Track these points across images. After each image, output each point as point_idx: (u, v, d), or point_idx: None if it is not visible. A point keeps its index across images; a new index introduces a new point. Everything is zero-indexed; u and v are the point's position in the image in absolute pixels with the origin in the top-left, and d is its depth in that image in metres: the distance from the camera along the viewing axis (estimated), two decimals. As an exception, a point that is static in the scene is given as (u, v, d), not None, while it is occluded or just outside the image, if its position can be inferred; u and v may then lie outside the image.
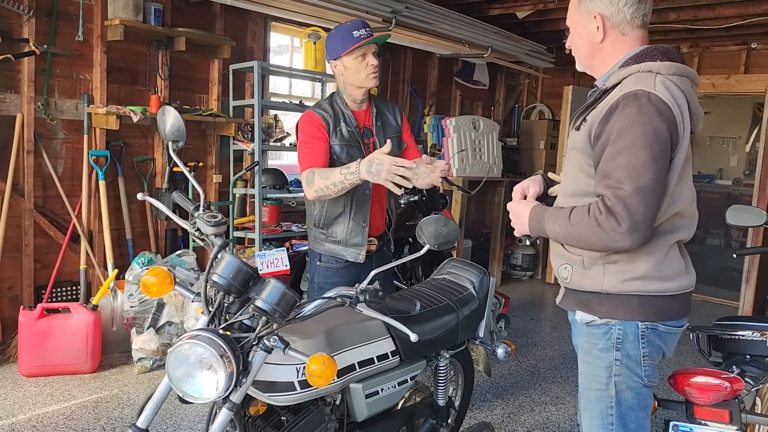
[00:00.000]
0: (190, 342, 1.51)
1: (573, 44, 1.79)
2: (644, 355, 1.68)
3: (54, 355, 3.58)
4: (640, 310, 1.65)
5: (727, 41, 6.25)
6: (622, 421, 1.73)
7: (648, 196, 1.51)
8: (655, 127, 1.51)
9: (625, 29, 1.67)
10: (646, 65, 1.60)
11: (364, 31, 2.46)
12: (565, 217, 1.62)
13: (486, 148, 6.30)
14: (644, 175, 1.50)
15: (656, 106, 1.51)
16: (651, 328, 1.67)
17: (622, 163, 1.52)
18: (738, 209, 2.92)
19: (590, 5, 1.67)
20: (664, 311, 1.66)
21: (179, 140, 1.85)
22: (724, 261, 8.17)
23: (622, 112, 1.54)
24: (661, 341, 1.69)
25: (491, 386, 3.86)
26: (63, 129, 3.95)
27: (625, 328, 1.67)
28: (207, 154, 4.67)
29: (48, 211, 3.96)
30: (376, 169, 2.21)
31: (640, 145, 1.50)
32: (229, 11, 4.57)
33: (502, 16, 5.83)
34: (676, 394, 1.78)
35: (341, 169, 2.34)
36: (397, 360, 2.10)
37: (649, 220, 1.52)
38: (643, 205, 1.50)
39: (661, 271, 1.63)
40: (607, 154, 1.55)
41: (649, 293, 1.64)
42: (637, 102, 1.53)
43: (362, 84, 2.53)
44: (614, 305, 1.66)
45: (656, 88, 1.54)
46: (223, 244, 1.72)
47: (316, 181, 2.39)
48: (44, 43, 3.75)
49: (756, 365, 2.20)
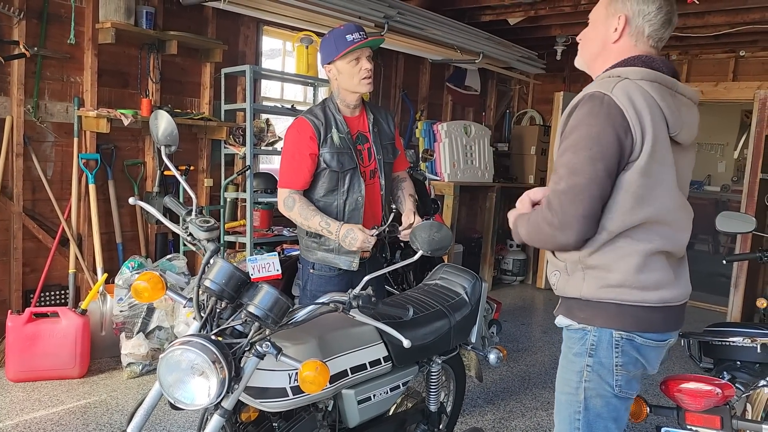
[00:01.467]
0: (182, 348, 1.50)
1: (586, 37, 1.81)
2: (617, 365, 1.68)
3: (42, 360, 3.55)
4: (616, 319, 1.65)
5: (715, 49, 6.32)
6: (589, 428, 1.73)
7: (580, 195, 1.56)
8: (599, 129, 1.55)
9: (638, 42, 1.70)
10: (615, 70, 1.65)
11: (358, 35, 2.45)
12: (527, 221, 1.72)
13: (477, 153, 6.32)
14: (579, 174, 1.56)
15: (607, 109, 1.56)
16: (627, 338, 1.66)
17: (564, 160, 1.60)
18: (727, 216, 2.95)
19: (620, 5, 1.70)
20: (643, 323, 1.65)
21: (172, 145, 1.84)
22: (712, 266, 8.21)
23: (577, 112, 1.61)
24: (638, 353, 1.68)
25: (482, 391, 3.86)
26: (53, 132, 3.92)
27: (600, 335, 1.68)
28: (198, 158, 4.65)
29: (37, 214, 3.93)
30: (349, 242, 2.43)
31: (581, 145, 1.57)
32: (221, 15, 4.56)
33: (494, 23, 5.86)
34: (667, 400, 1.79)
35: (321, 221, 2.47)
36: (390, 366, 2.10)
37: (582, 218, 1.56)
38: (574, 202, 1.56)
39: (639, 280, 1.62)
40: (559, 150, 1.65)
41: (626, 302, 1.64)
42: (591, 103, 1.59)
43: (356, 89, 2.52)
44: (592, 311, 1.68)
45: (613, 91, 1.57)
46: (215, 249, 1.71)
47: (295, 212, 2.51)
48: (35, 45, 3.72)
49: (746, 371, 2.22)
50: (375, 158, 2.63)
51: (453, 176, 5.97)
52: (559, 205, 1.58)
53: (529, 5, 5.32)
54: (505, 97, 7.69)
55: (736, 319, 5.62)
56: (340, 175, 2.50)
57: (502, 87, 7.60)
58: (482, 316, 2.60)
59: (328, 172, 2.49)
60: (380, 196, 2.65)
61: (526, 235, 1.72)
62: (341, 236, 2.43)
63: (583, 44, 1.82)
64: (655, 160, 1.58)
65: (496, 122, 7.54)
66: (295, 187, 2.51)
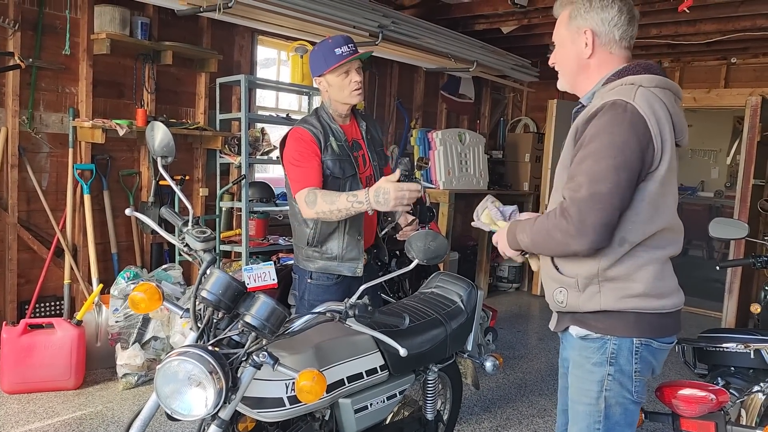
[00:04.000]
0: (178, 359, 1.51)
1: (558, 60, 1.81)
2: (636, 371, 1.69)
3: (37, 372, 3.53)
4: (636, 327, 1.66)
5: (707, 56, 6.37)
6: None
7: (601, 203, 1.54)
8: (623, 138, 1.54)
9: (613, 48, 1.70)
10: (628, 78, 1.63)
11: (347, 48, 2.45)
12: (531, 225, 1.70)
13: (472, 161, 6.34)
14: (602, 183, 1.53)
15: (630, 118, 1.54)
16: (645, 344, 1.68)
17: (585, 168, 1.57)
18: (720, 222, 2.97)
19: (581, 21, 1.70)
20: (659, 328, 1.68)
21: (168, 156, 1.85)
22: (706, 272, 8.24)
23: (599, 120, 1.58)
24: (653, 358, 1.71)
25: (479, 399, 3.86)
26: (48, 143, 3.93)
27: (620, 343, 1.68)
28: (194, 168, 4.65)
29: (32, 225, 3.92)
30: (383, 198, 2.25)
31: (603, 153, 1.54)
32: (216, 25, 4.58)
33: (488, 31, 5.90)
34: (662, 407, 1.80)
35: (348, 197, 2.32)
36: (386, 374, 2.11)
37: (601, 226, 1.55)
38: (594, 210, 1.54)
39: (657, 288, 1.64)
40: (577, 158, 1.61)
41: (646, 311, 1.65)
42: (613, 111, 1.56)
43: (346, 101, 2.54)
44: (611, 322, 1.67)
45: (635, 99, 1.56)
46: (211, 260, 1.71)
47: (319, 204, 2.36)
48: (30, 56, 3.73)
49: (740, 377, 2.23)
50: (371, 164, 2.65)
51: (448, 184, 5.99)
52: (577, 213, 1.55)
53: (522, 14, 5.36)
54: (500, 105, 7.73)
55: (730, 325, 5.64)
56: (342, 182, 2.51)
57: (496, 95, 7.64)
58: (478, 323, 2.61)
59: (331, 179, 2.49)
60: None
61: (530, 242, 1.70)
62: (373, 201, 2.27)
63: (559, 67, 1.82)
64: (671, 169, 1.60)
65: (490, 130, 7.57)
66: (312, 184, 2.43)
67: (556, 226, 1.60)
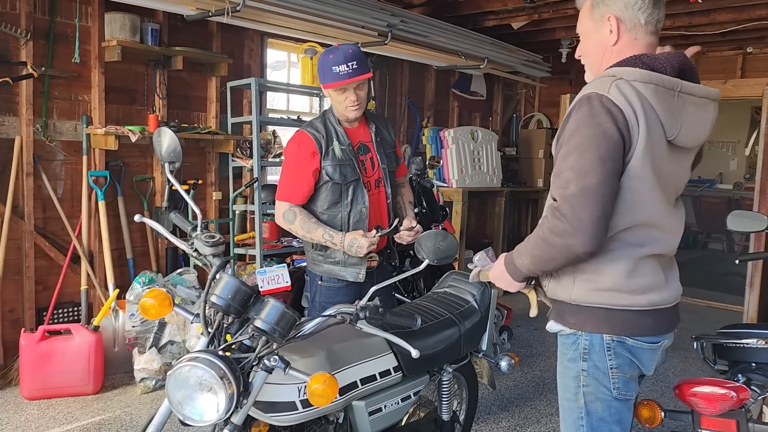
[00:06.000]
0: (189, 364, 1.50)
1: (584, 52, 1.76)
2: (612, 367, 1.66)
3: (56, 378, 3.56)
4: (606, 323, 1.64)
5: (722, 46, 6.27)
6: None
7: (593, 196, 1.50)
8: (603, 128, 1.51)
9: (638, 34, 1.64)
10: (611, 70, 1.59)
11: (345, 67, 2.39)
12: (525, 245, 1.66)
13: (485, 158, 6.30)
14: (590, 175, 1.50)
15: (606, 107, 1.51)
16: (618, 341, 1.64)
17: (570, 163, 1.53)
18: (739, 215, 2.91)
19: (604, 8, 1.65)
20: (633, 326, 1.64)
21: (176, 161, 1.85)
22: (726, 266, 8.13)
23: (576, 114, 1.56)
24: (631, 355, 1.66)
25: (496, 399, 3.83)
26: (62, 150, 3.96)
27: (592, 339, 1.66)
28: (206, 172, 4.67)
29: (48, 232, 3.96)
30: (356, 250, 2.45)
31: (587, 145, 1.51)
32: (225, 29, 4.59)
33: (498, 27, 5.85)
34: (681, 405, 1.77)
35: (324, 233, 2.47)
36: (400, 376, 2.09)
37: (596, 219, 1.50)
38: (587, 204, 1.49)
39: (629, 285, 1.60)
40: (560, 155, 1.58)
41: (616, 306, 1.62)
42: (588, 104, 1.54)
43: (343, 114, 2.55)
44: (583, 317, 1.66)
45: (609, 91, 1.53)
46: (221, 265, 1.71)
47: (296, 226, 2.51)
48: (42, 65, 3.76)
49: (762, 373, 2.18)
50: (379, 167, 2.63)
51: (461, 182, 5.95)
52: (570, 210, 1.51)
53: (532, 9, 5.32)
54: (512, 102, 7.68)
55: (752, 319, 5.54)
56: (343, 187, 2.50)
57: (508, 91, 7.58)
58: (492, 322, 2.58)
59: (331, 184, 2.49)
60: (386, 204, 2.65)
61: (531, 260, 1.65)
62: (346, 246, 2.44)
63: (585, 59, 1.77)
64: (648, 163, 1.55)
65: (503, 127, 7.52)
66: (295, 201, 2.51)
67: (551, 231, 1.55)
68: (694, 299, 6.44)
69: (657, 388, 3.94)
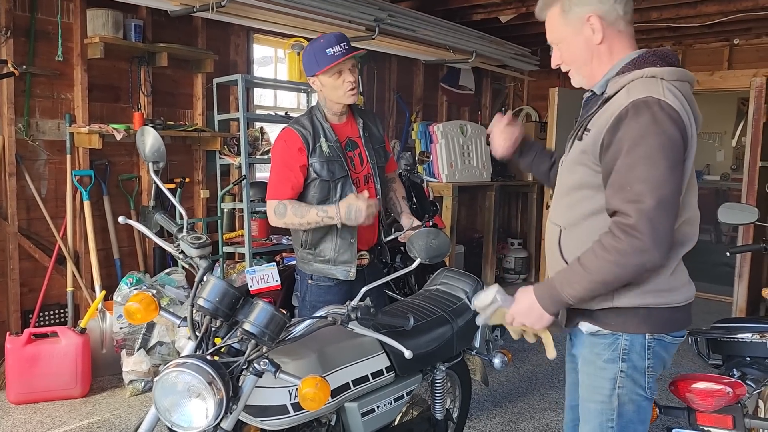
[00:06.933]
0: (176, 370, 1.47)
1: (566, 58, 1.71)
2: (649, 367, 1.65)
3: (43, 381, 3.51)
4: (647, 323, 1.62)
5: (709, 38, 6.27)
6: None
7: (669, 208, 1.47)
8: (669, 135, 1.47)
9: (621, 25, 1.62)
10: (648, 71, 1.55)
11: (339, 48, 2.38)
12: (579, 271, 1.54)
13: (474, 152, 6.28)
14: (665, 187, 1.46)
15: (668, 114, 1.47)
16: (657, 339, 1.64)
17: (640, 174, 1.47)
18: (729, 207, 2.91)
19: (580, 10, 1.61)
20: (671, 323, 1.64)
21: (160, 161, 1.81)
22: (715, 257, 8.16)
23: (635, 121, 1.49)
24: (665, 352, 1.67)
25: (489, 395, 3.82)
26: (45, 150, 3.89)
27: (633, 339, 1.63)
28: (193, 170, 4.61)
29: (33, 233, 3.89)
30: (355, 215, 2.33)
31: (657, 156, 1.46)
32: (210, 25, 4.53)
33: (486, 21, 5.82)
34: (677, 401, 1.75)
35: (318, 212, 2.40)
36: (392, 376, 2.07)
37: (671, 231, 1.49)
38: (665, 217, 1.47)
39: (670, 283, 1.60)
40: (622, 165, 1.50)
41: (658, 306, 1.61)
42: (648, 110, 1.48)
43: (340, 101, 2.50)
44: (623, 318, 1.62)
45: (665, 95, 1.49)
46: (207, 267, 1.67)
47: (288, 216, 2.44)
48: (23, 63, 3.69)
49: (756, 367, 2.17)
50: (368, 163, 2.60)
51: (451, 177, 5.93)
52: (648, 225, 1.44)
53: (520, 2, 5.28)
54: (500, 95, 7.66)
55: (741, 310, 5.57)
56: (332, 185, 2.47)
57: (496, 85, 7.56)
58: (485, 320, 2.56)
59: (319, 181, 2.46)
60: (378, 198, 2.62)
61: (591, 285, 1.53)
62: (344, 216, 2.35)
63: (568, 64, 1.72)
64: (692, 161, 1.56)
65: (492, 120, 7.49)
66: (284, 197, 2.46)
67: (629, 251, 1.46)
68: (683, 291, 6.45)
69: (649, 381, 3.96)
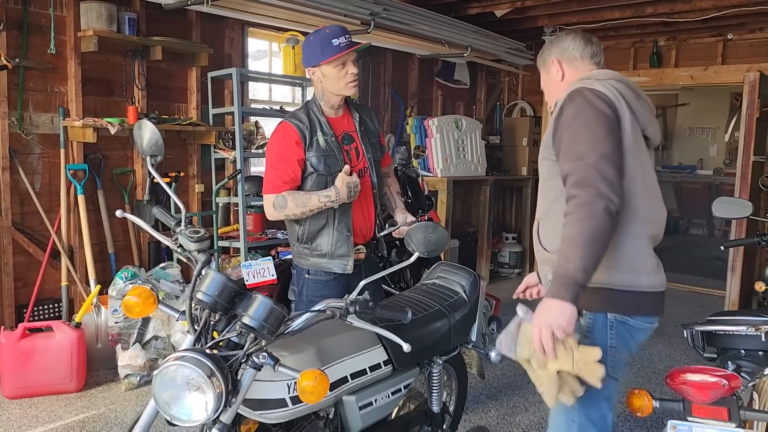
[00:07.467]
0: (176, 363, 1.46)
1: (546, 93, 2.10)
2: (611, 346, 1.79)
3: (38, 376, 3.50)
4: (609, 303, 1.77)
5: (703, 33, 6.29)
6: (585, 412, 1.84)
7: (612, 160, 1.65)
8: (602, 110, 1.71)
9: (578, 65, 1.98)
10: (584, 76, 1.88)
11: (344, 39, 2.40)
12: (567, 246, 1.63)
13: (469, 147, 6.29)
14: (604, 143, 1.66)
15: (598, 95, 1.73)
16: (620, 321, 1.78)
17: (580, 138, 1.69)
18: (724, 201, 2.93)
19: (547, 55, 2.04)
20: (633, 306, 1.78)
21: (157, 154, 1.80)
22: (708, 251, 8.24)
23: (570, 104, 1.75)
24: (630, 336, 1.81)
25: (485, 388, 3.84)
26: (39, 144, 3.87)
27: (595, 317, 1.80)
28: (188, 164, 4.60)
29: (26, 228, 3.87)
30: (355, 191, 2.42)
31: (593, 123, 1.69)
32: (205, 18, 4.50)
33: (481, 15, 5.81)
34: (672, 393, 1.77)
35: (320, 197, 2.41)
36: (390, 369, 2.07)
37: (619, 180, 1.65)
38: (610, 166, 1.64)
39: (632, 261, 1.74)
40: (566, 138, 1.72)
41: (620, 287, 1.75)
42: (580, 95, 1.75)
43: (341, 92, 2.50)
44: (589, 298, 1.74)
45: (594, 84, 1.77)
46: (206, 261, 1.67)
47: (289, 207, 2.43)
48: (16, 56, 3.66)
49: (751, 360, 2.19)
50: (364, 157, 2.60)
51: (446, 171, 5.93)
52: (596, 173, 1.61)
53: (515, -4, 5.29)
54: (495, 90, 7.66)
55: (734, 303, 5.61)
56: (328, 178, 2.46)
57: (491, 79, 7.56)
58: (481, 313, 2.57)
59: (316, 175, 2.45)
60: (372, 194, 2.62)
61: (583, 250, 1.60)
62: (345, 195, 2.40)
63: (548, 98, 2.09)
64: (633, 142, 1.74)
65: (486, 115, 7.50)
66: (281, 191, 2.45)
67: (587, 200, 1.60)
68: (676, 284, 6.49)
69: (643, 374, 3.96)
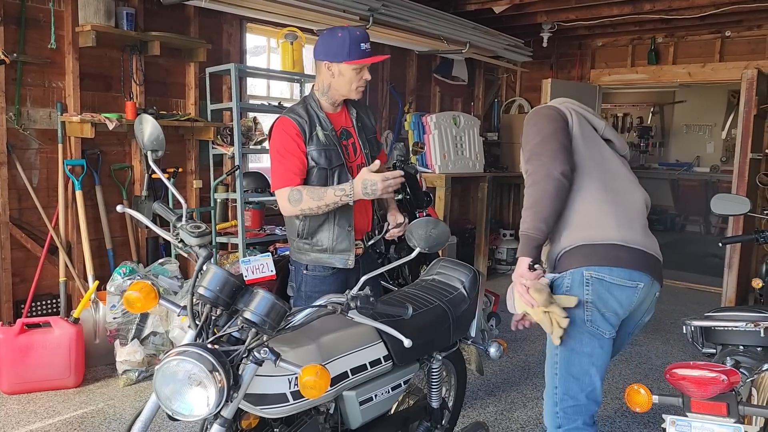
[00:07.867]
0: (177, 358, 1.46)
1: None
2: (588, 300, 1.98)
3: (36, 371, 3.49)
4: (585, 257, 1.98)
5: (701, 30, 6.31)
6: (566, 363, 2.03)
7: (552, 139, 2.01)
8: (551, 116, 2.11)
9: None
10: None
11: (368, 45, 2.43)
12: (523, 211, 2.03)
13: (467, 143, 6.29)
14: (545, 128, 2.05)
15: (547, 107, 2.17)
16: (596, 277, 1.97)
17: (528, 132, 2.11)
18: (722, 198, 2.93)
19: None
20: (606, 258, 1.96)
21: (158, 149, 1.80)
22: (704, 247, 8.27)
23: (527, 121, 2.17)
24: (609, 293, 1.97)
25: (483, 384, 3.85)
26: (36, 139, 3.86)
27: (573, 275, 2.00)
28: (186, 160, 4.59)
29: (24, 223, 3.86)
30: (371, 189, 2.34)
31: (541, 123, 2.09)
32: (203, 13, 4.49)
33: (479, 12, 5.81)
34: (671, 389, 1.78)
35: (335, 191, 2.38)
36: (390, 365, 2.07)
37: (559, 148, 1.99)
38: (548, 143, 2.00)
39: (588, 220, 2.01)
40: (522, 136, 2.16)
41: (593, 242, 1.98)
42: (534, 112, 2.20)
43: (348, 95, 2.50)
44: (569, 259, 2.02)
45: (546, 102, 2.24)
46: (207, 256, 1.67)
47: (305, 201, 2.40)
48: (14, 51, 3.64)
49: (750, 356, 2.20)
50: (362, 153, 2.60)
51: (444, 168, 5.94)
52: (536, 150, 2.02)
53: (513, -7, 5.28)
54: (493, 86, 7.66)
55: (731, 300, 5.63)
56: (329, 172, 2.46)
57: (489, 76, 7.56)
58: (481, 309, 2.58)
59: (317, 169, 2.45)
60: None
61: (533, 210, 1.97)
62: (360, 192, 2.35)
63: None
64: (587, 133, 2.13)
65: (484, 112, 7.51)
66: (294, 183, 2.43)
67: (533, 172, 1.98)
68: (673, 281, 6.52)
69: (641, 370, 3.98)
